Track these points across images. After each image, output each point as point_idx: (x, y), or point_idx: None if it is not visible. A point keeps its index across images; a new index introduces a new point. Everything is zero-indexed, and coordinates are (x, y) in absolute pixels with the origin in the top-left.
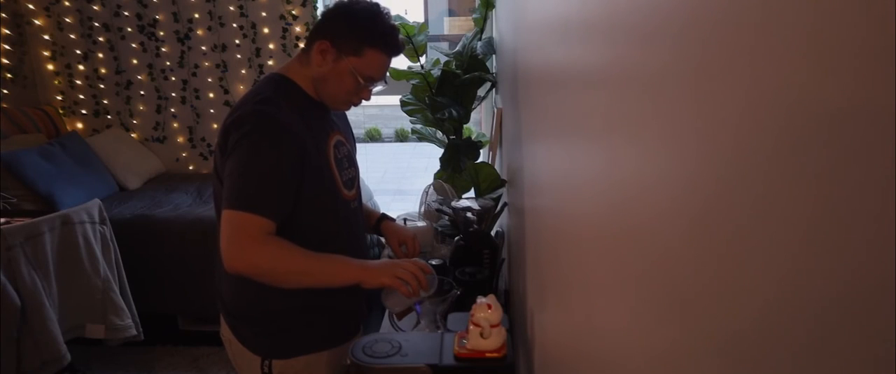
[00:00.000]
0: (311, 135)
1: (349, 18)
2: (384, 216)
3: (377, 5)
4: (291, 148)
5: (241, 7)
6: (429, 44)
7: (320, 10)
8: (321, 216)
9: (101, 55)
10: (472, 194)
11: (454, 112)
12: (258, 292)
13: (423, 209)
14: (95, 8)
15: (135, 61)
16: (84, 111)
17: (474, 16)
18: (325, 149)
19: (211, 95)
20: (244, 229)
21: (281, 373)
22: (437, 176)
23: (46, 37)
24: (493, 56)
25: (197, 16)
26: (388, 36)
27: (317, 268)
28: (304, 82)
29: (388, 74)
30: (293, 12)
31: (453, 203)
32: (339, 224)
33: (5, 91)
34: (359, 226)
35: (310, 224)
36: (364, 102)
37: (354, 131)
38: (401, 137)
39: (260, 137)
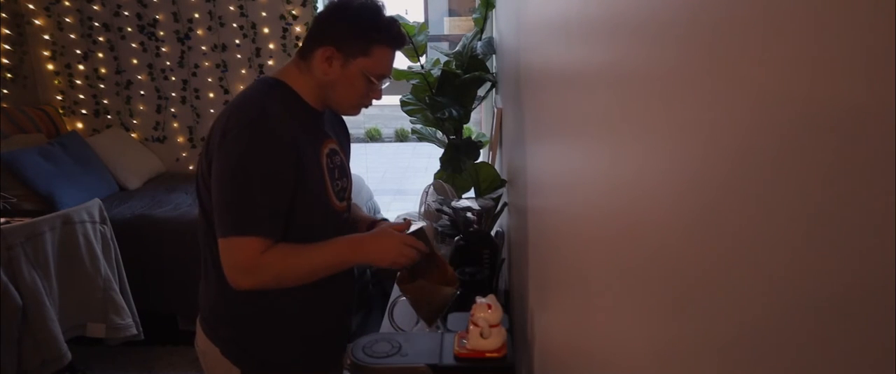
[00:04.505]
0: (306, 142)
1: (350, 20)
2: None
3: (374, 1)
4: (283, 158)
5: (241, 7)
6: (429, 44)
7: (325, 7)
8: (311, 228)
9: (101, 55)
10: (472, 194)
11: (454, 112)
12: (244, 305)
13: (423, 209)
14: (95, 8)
15: (135, 61)
16: (84, 111)
17: (474, 16)
18: (319, 158)
19: (211, 95)
20: (244, 254)
21: None
22: (437, 176)
23: (46, 37)
24: (493, 56)
25: (197, 16)
26: (393, 29)
27: (322, 265)
28: (302, 89)
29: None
30: (293, 12)
31: (453, 203)
32: (329, 236)
33: (5, 91)
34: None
35: (299, 236)
36: (376, 100)
37: (354, 131)
38: (401, 137)
39: (248, 151)
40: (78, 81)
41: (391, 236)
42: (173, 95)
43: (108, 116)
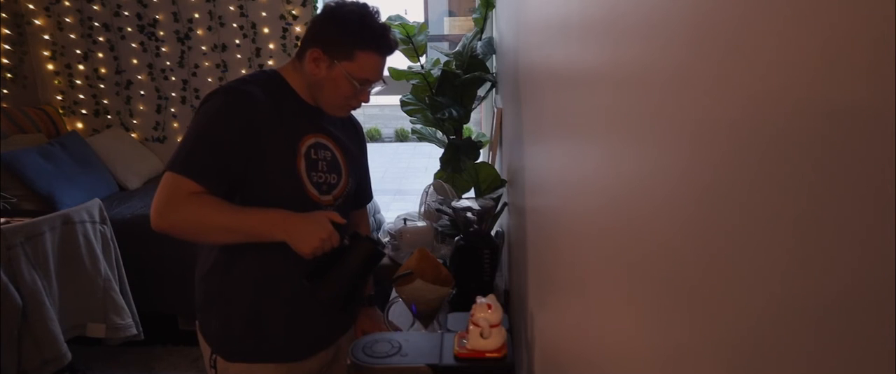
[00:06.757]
0: (281, 125)
1: (337, 23)
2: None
3: (365, 6)
4: (242, 119)
5: (241, 7)
6: (429, 44)
7: (320, 10)
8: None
9: (101, 55)
10: (472, 194)
11: (454, 112)
12: (219, 285)
13: (423, 209)
14: (95, 8)
15: (135, 61)
16: (84, 111)
17: (474, 16)
18: (296, 144)
19: None
20: (172, 190)
21: (224, 372)
22: (437, 176)
23: (46, 37)
24: (493, 56)
25: (197, 16)
26: (378, 36)
27: (240, 226)
28: (295, 83)
29: (387, 72)
30: (293, 12)
31: (453, 203)
32: None
33: (5, 91)
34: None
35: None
36: (364, 103)
37: None
38: (401, 137)
39: (212, 107)
40: (78, 81)
41: (320, 223)
42: (173, 95)
43: (108, 116)
